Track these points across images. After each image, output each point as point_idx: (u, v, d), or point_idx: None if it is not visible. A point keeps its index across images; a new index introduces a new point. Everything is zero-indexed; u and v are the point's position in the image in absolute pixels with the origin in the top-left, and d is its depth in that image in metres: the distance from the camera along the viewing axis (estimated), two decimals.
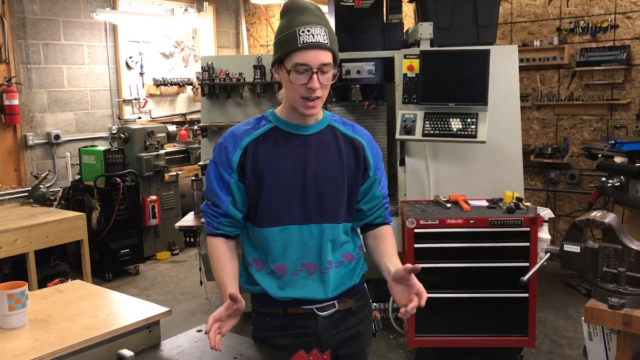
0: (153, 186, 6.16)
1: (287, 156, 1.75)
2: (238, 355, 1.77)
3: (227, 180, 1.76)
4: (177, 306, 4.82)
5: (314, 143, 1.77)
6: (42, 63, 5.94)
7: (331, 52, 1.68)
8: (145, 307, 2.05)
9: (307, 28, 1.65)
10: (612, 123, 5.54)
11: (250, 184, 1.76)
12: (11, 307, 1.84)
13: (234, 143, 1.77)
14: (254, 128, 1.79)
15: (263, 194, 1.75)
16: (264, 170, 1.74)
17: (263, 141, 1.77)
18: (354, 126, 1.88)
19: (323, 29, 1.67)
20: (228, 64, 4.39)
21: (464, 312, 3.51)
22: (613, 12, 5.44)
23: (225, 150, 1.77)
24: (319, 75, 1.65)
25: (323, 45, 1.65)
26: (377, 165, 1.87)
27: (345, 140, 1.82)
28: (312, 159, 1.75)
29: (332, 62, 1.68)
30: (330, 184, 1.76)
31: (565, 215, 5.85)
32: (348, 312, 1.85)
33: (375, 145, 1.89)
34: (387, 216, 1.92)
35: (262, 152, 1.75)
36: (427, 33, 3.97)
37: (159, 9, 7.06)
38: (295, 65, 1.65)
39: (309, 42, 1.64)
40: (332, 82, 1.71)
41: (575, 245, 2.07)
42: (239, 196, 1.77)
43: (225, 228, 1.79)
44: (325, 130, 1.81)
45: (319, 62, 1.65)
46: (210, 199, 1.80)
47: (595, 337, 2.17)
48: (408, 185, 4.09)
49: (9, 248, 4.42)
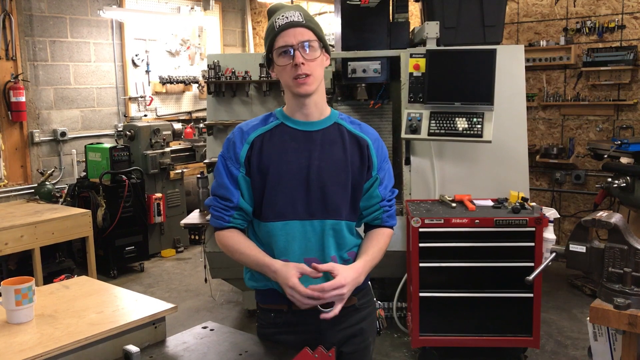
0: (158, 184, 6.18)
1: (291, 152, 1.77)
2: (243, 352, 1.77)
3: (235, 174, 1.79)
4: (181, 303, 4.84)
5: (319, 139, 1.79)
6: (49, 60, 5.96)
7: (310, 30, 1.74)
8: (150, 303, 2.06)
9: (282, 14, 1.75)
10: (618, 124, 5.52)
11: (256, 178, 1.78)
12: (18, 302, 1.85)
13: (241, 138, 1.80)
14: (262, 124, 1.83)
15: (267, 188, 1.77)
16: (269, 165, 1.76)
17: (269, 137, 1.80)
18: (362, 125, 1.89)
19: (298, 12, 1.75)
20: (234, 62, 4.40)
21: (468, 312, 3.50)
22: (620, 13, 5.42)
23: (233, 145, 1.80)
24: (301, 52, 1.71)
25: (298, 23, 1.72)
26: (381, 165, 1.87)
27: (351, 138, 1.83)
28: (317, 155, 1.77)
29: (314, 39, 1.73)
30: (334, 180, 1.77)
31: (570, 215, 5.83)
32: (352, 309, 1.85)
33: (381, 145, 1.89)
34: (385, 219, 1.91)
35: (267, 147, 1.78)
36: (434, 32, 3.96)
37: (165, 7, 7.08)
38: (278, 49, 1.73)
39: (284, 24, 1.72)
40: (319, 56, 1.74)
41: (581, 245, 2.07)
42: (246, 190, 1.80)
43: (236, 221, 1.82)
44: (331, 127, 1.82)
45: (298, 39, 1.71)
46: (219, 193, 1.82)
47: (600, 337, 2.17)
48: (413, 185, 4.09)
49: (15, 244, 4.44)
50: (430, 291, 3.49)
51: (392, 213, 1.93)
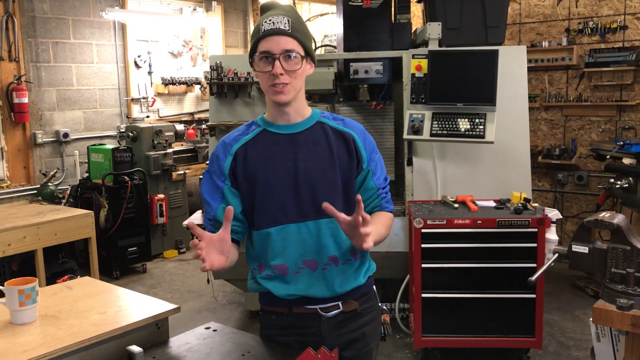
0: (161, 185, 6.19)
1: (277, 157, 1.77)
2: (246, 353, 1.78)
3: (221, 187, 1.80)
4: (184, 304, 4.84)
5: (303, 141, 1.79)
6: (52, 61, 5.97)
7: (295, 40, 1.71)
8: (153, 304, 2.06)
9: (269, 18, 1.71)
10: (620, 124, 5.52)
11: (244, 188, 1.78)
12: (22, 302, 1.85)
13: (224, 151, 1.81)
14: (244, 134, 1.83)
15: (257, 196, 1.77)
16: (256, 172, 1.77)
17: (252, 145, 1.80)
18: (345, 120, 1.88)
19: (286, 18, 1.71)
20: (236, 63, 4.40)
21: (470, 313, 3.50)
22: (622, 13, 5.41)
23: (217, 159, 1.82)
24: (282, 62, 1.69)
25: (283, 32, 1.69)
26: (371, 156, 1.85)
27: (335, 134, 1.82)
28: (302, 157, 1.77)
29: (297, 49, 1.71)
30: (322, 179, 1.77)
31: (572, 216, 5.83)
32: (353, 313, 1.85)
33: (367, 137, 1.87)
34: (384, 205, 1.89)
35: (252, 155, 1.78)
36: (436, 33, 3.96)
37: (167, 8, 7.09)
38: (260, 53, 1.71)
39: (269, 30, 1.70)
40: (299, 69, 1.72)
41: (584, 245, 2.07)
42: (233, 202, 1.79)
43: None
44: (314, 127, 1.82)
45: (281, 48, 1.69)
46: (203, 206, 1.86)
47: (603, 338, 2.17)
48: (415, 186, 4.09)
49: (18, 245, 4.45)
50: (433, 292, 3.49)
51: (389, 198, 1.91)
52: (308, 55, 1.75)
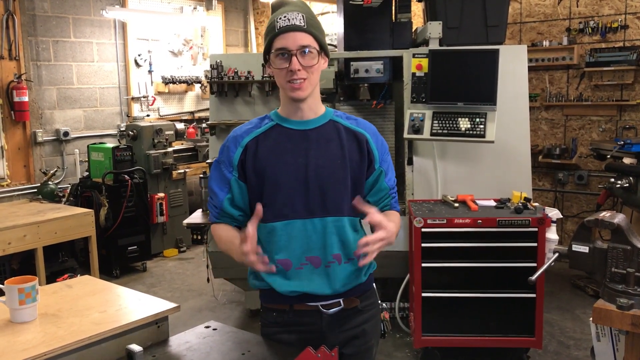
0: (161, 183, 6.19)
1: (288, 152, 1.78)
2: (246, 352, 1.77)
3: (228, 177, 1.82)
4: (184, 303, 4.84)
5: (315, 138, 1.79)
6: (52, 60, 5.97)
7: (311, 35, 1.72)
8: (153, 302, 2.06)
9: (284, 15, 1.72)
10: (621, 124, 5.51)
11: (253, 181, 1.79)
12: (22, 301, 1.85)
13: (235, 142, 1.83)
14: (256, 127, 1.84)
15: (266, 189, 1.77)
16: (266, 166, 1.77)
17: (264, 139, 1.81)
18: (358, 120, 1.89)
19: (300, 14, 1.72)
20: (237, 62, 4.40)
21: (470, 312, 3.50)
22: (623, 13, 5.41)
23: (227, 149, 1.83)
24: (299, 57, 1.70)
25: (299, 27, 1.71)
26: (383, 157, 1.87)
27: (347, 133, 1.83)
28: (313, 154, 1.77)
29: (313, 45, 1.72)
30: (332, 177, 1.77)
31: (573, 216, 5.83)
32: (354, 310, 1.85)
33: (380, 139, 1.89)
34: (393, 204, 1.93)
35: (262, 149, 1.79)
36: (436, 32, 3.96)
37: (168, 7, 7.09)
38: (276, 50, 1.72)
39: (284, 26, 1.70)
40: (316, 64, 1.73)
41: (584, 245, 2.06)
42: (238, 194, 1.81)
43: (223, 219, 1.86)
44: (326, 125, 1.83)
45: (297, 44, 1.70)
46: (210, 194, 1.88)
47: (603, 337, 2.16)
48: (416, 185, 4.09)
49: (18, 244, 4.45)
50: (433, 291, 3.49)
51: (397, 199, 1.96)
52: (322, 50, 1.76)
